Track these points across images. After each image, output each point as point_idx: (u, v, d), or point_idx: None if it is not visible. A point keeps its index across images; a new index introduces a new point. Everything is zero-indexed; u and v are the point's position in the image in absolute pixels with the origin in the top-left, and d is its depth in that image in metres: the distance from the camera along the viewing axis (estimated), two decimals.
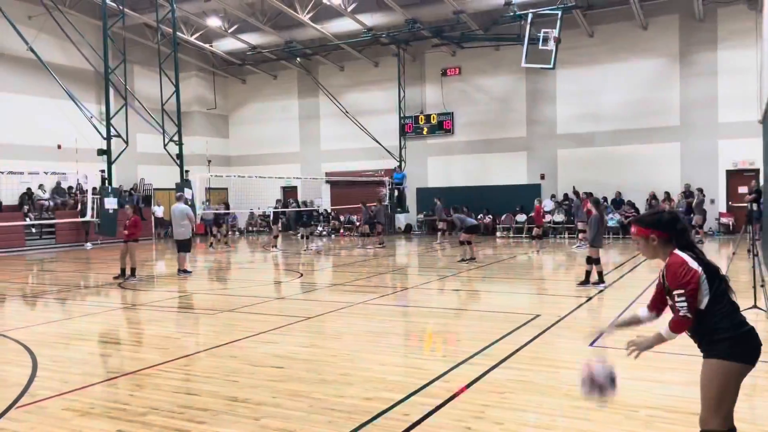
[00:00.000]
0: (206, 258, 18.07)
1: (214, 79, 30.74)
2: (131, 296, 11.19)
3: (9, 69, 22.41)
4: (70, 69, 22.99)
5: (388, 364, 6.07)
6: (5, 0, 19.66)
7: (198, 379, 5.69)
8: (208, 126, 30.48)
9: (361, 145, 27.20)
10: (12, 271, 16.05)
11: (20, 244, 21.27)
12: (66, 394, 5.24)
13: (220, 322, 8.53)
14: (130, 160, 23.48)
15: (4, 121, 22.39)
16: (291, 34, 25.75)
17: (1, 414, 4.77)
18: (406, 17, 23.24)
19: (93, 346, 7.49)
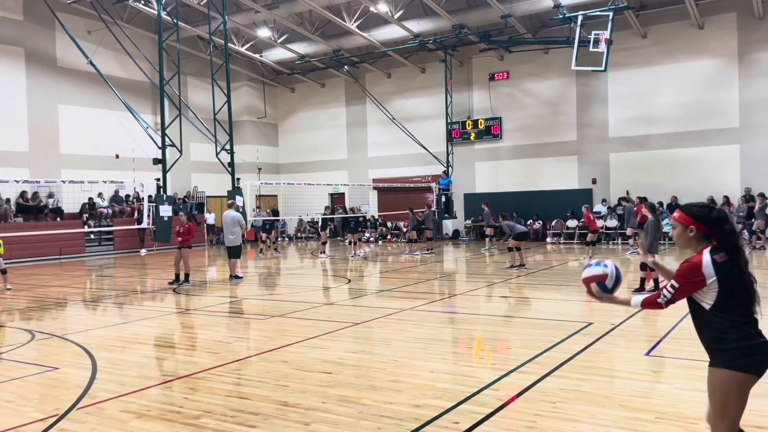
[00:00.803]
0: (256, 264, 18.38)
1: (263, 88, 31.34)
2: (185, 301, 11.47)
3: (71, 82, 23.40)
4: (127, 81, 23.84)
5: (437, 371, 6.02)
6: (67, 16, 20.58)
7: (249, 383, 5.78)
8: (258, 134, 31.07)
9: (408, 151, 27.22)
10: (73, 276, 16.70)
11: (81, 250, 22.13)
12: (124, 396, 5.40)
13: (270, 327, 8.64)
14: (184, 168, 24.14)
15: (67, 133, 23.39)
16: (339, 43, 26.03)
17: (62, 415, 4.95)
18: (453, 23, 23.18)
19: (149, 349, 7.71)
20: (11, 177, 19.39)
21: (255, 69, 30.43)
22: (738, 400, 3.01)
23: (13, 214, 20.99)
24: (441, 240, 25.65)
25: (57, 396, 5.52)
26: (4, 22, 21.82)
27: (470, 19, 23.39)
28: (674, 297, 3.09)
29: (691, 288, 3.06)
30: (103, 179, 19.53)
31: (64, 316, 10.60)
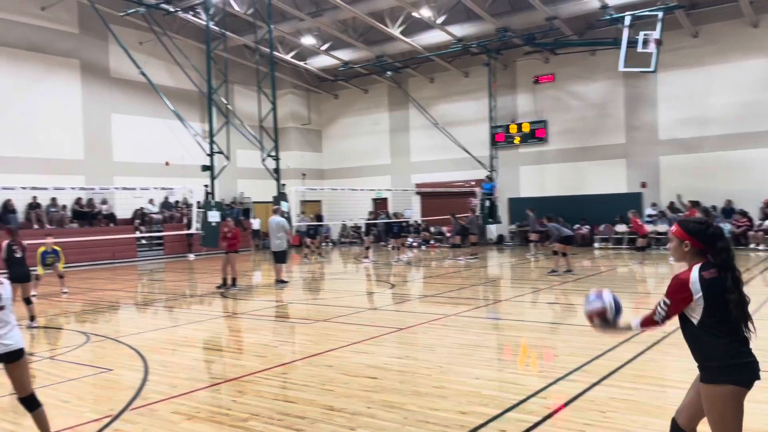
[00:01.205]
0: (301, 269, 18.59)
1: (308, 95, 31.73)
2: (232, 305, 11.69)
3: (123, 92, 24.19)
4: (177, 90, 24.50)
5: (482, 378, 5.96)
6: (120, 29, 21.28)
7: (295, 387, 5.84)
8: (303, 141, 31.46)
9: (451, 155, 27.11)
10: (125, 280, 17.22)
11: (133, 255, 22.80)
12: (174, 398, 5.53)
13: (315, 332, 8.72)
14: (231, 174, 24.63)
15: (119, 141, 24.17)
16: (382, 49, 26.16)
17: (116, 415, 5.11)
18: (496, 26, 23.01)
19: (198, 352, 7.88)
20: (68, 184, 20.17)
21: (299, 76, 30.84)
22: (733, 413, 3.04)
23: (69, 220, 21.79)
24: (485, 245, 25.43)
25: (111, 397, 5.69)
26: (61, 36, 22.73)
27: (514, 22, 23.17)
28: (668, 313, 3.17)
29: (680, 304, 3.11)
30: (154, 186, 20.10)
31: (117, 318, 10.94)
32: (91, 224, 22.08)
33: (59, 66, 22.64)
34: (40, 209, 21.09)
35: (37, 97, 21.82)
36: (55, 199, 21.54)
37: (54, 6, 21.87)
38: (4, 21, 21.09)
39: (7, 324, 4.20)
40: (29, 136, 21.35)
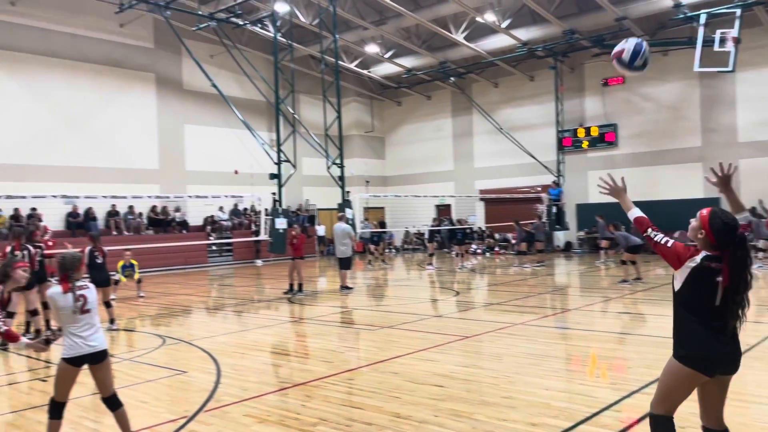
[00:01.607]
0: (364, 275, 18.72)
1: (371, 102, 32.03)
2: (298, 310, 11.89)
3: (195, 103, 25.13)
4: (245, 101, 25.24)
5: (552, 389, 5.82)
6: (192, 43, 22.14)
7: (362, 393, 5.87)
8: (366, 148, 31.74)
9: (516, 161, 26.71)
10: (197, 285, 17.82)
11: (204, 260, 23.59)
12: (246, 401, 5.68)
13: (380, 338, 8.76)
14: (296, 182, 25.11)
15: (191, 151, 25.12)
16: (445, 55, 26.11)
17: (191, 417, 5.28)
18: (563, 28, 22.55)
19: (267, 356, 8.05)
20: (144, 193, 21.09)
21: (363, 84, 31.17)
22: (681, 391, 3.29)
23: (145, 227, 22.77)
24: (552, 252, 24.88)
25: (186, 398, 5.90)
26: (138, 51, 23.86)
27: (582, 24, 22.64)
28: (659, 243, 3.38)
29: (671, 255, 3.30)
30: (224, 194, 20.73)
31: (190, 322, 11.33)
32: (165, 231, 22.98)
33: (136, 80, 23.76)
34: (119, 217, 22.13)
35: (116, 110, 22.97)
36: (132, 207, 22.56)
37: (132, 23, 22.99)
38: (86, 38, 22.33)
39: (92, 326, 4.42)
40: (109, 147, 22.49)
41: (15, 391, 6.60)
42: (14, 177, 19.49)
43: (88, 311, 4.41)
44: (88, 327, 4.39)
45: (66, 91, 21.72)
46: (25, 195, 15.89)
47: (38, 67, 21.17)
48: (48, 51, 21.41)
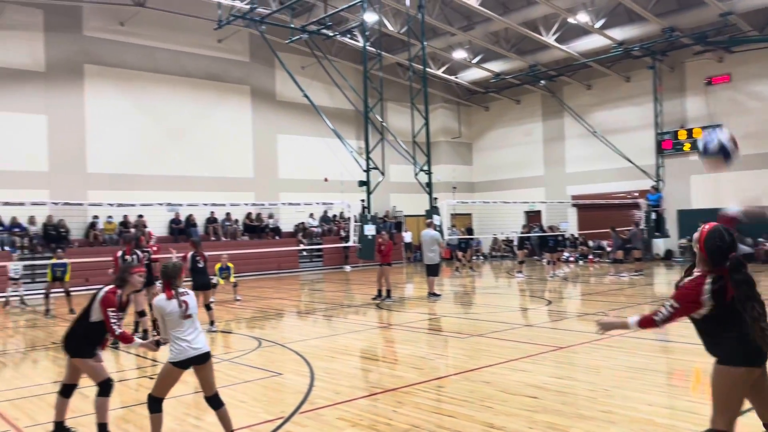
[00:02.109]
0: (452, 282, 18.59)
1: (458, 108, 31.86)
2: (387, 316, 11.97)
3: (287, 114, 25.99)
4: (335, 110, 25.81)
5: (654, 405, 5.53)
6: (285, 55, 22.90)
7: (454, 401, 5.82)
8: (453, 154, 31.58)
9: (611, 165, 25.69)
10: (289, 289, 18.36)
11: (295, 265, 24.28)
12: (338, 405, 5.77)
13: (469, 346, 8.66)
14: (383, 189, 25.34)
15: (284, 159, 25.97)
16: (535, 58, 25.57)
17: (287, 418, 5.43)
18: (662, 26, 21.51)
19: (357, 360, 8.15)
20: (240, 200, 21.98)
21: (450, 90, 31.07)
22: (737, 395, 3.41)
23: (240, 233, 23.74)
24: (651, 261, 23.69)
25: (281, 399, 6.08)
26: (235, 65, 24.99)
27: (682, 21, 21.50)
28: (672, 316, 3.43)
29: (688, 310, 3.39)
30: (315, 201, 21.24)
31: (283, 325, 11.68)
32: (259, 237, 23.87)
33: (232, 92, 24.89)
34: (217, 223, 23.20)
35: (214, 122, 24.15)
36: (230, 214, 23.59)
37: (229, 38, 24.11)
38: (187, 54, 23.64)
39: (195, 330, 4.66)
40: (208, 157, 23.66)
41: (125, 387, 7.04)
42: (123, 186, 20.90)
43: (190, 316, 4.65)
44: (192, 331, 4.62)
45: (169, 105, 23.09)
46: (134, 203, 16.98)
47: (144, 83, 22.62)
48: (153, 67, 22.84)
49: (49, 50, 20.71)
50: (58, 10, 20.67)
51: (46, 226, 19.63)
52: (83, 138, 21.22)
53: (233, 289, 14.98)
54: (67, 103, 20.96)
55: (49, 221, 19.68)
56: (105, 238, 20.50)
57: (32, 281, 16.83)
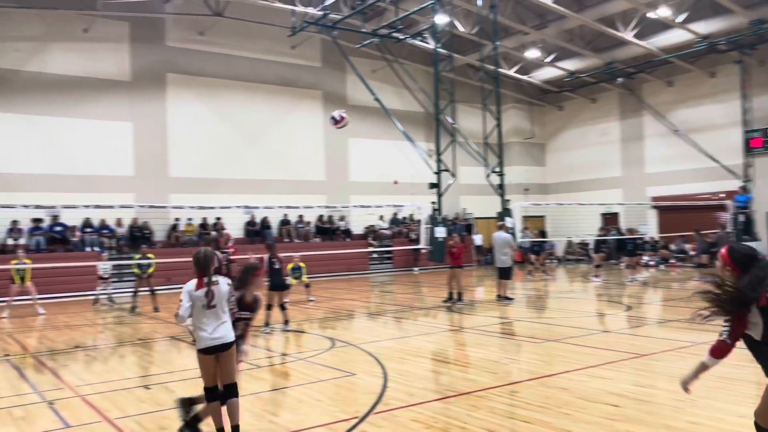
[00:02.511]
0: (524, 286, 18.23)
1: (531, 108, 31.25)
2: (458, 319, 11.88)
3: (358, 117, 26.19)
4: (405, 113, 25.89)
5: (746, 416, 5.18)
6: (355, 59, 23.20)
7: (529, 407, 5.70)
8: (526, 155, 31.00)
9: (694, 165, 24.49)
10: (359, 291, 18.53)
11: (365, 267, 24.49)
12: (412, 406, 5.76)
13: (544, 351, 8.46)
14: (454, 191, 25.19)
15: (354, 162, 26.26)
16: (612, 55, 24.76)
17: (362, 417, 5.48)
18: (749, 18, 20.35)
19: (429, 363, 8.12)
20: (312, 203, 22.42)
21: (522, 90, 30.54)
22: None
23: (313, 235, 24.18)
24: None
25: (356, 399, 6.13)
26: (307, 70, 25.51)
27: None
28: (731, 332, 3.39)
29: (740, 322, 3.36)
30: (386, 203, 21.37)
31: (354, 326, 11.80)
32: (330, 239, 24.23)
33: (305, 97, 25.41)
34: (290, 225, 23.73)
35: (287, 127, 24.73)
36: (302, 216, 24.09)
37: (302, 44, 24.63)
38: (262, 61, 24.33)
39: (217, 321, 4.76)
40: (281, 161, 24.25)
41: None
42: (202, 189, 21.72)
43: (214, 307, 4.76)
44: (214, 321, 4.75)
45: (245, 111, 23.82)
46: (213, 206, 17.61)
47: (221, 89, 23.45)
48: (230, 74, 23.64)
49: (134, 61, 21.83)
50: (143, 22, 21.76)
51: (132, 227, 20.67)
52: (165, 144, 22.22)
53: (306, 289, 15.26)
54: (151, 110, 22.02)
55: (134, 223, 20.72)
56: (185, 239, 21.37)
57: (119, 280, 17.74)
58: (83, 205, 15.14)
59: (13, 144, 19.44)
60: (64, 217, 19.45)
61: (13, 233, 18.63)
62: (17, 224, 18.74)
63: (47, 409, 6.20)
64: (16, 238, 18.55)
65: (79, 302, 16.70)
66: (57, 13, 20.07)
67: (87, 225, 19.92)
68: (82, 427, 5.52)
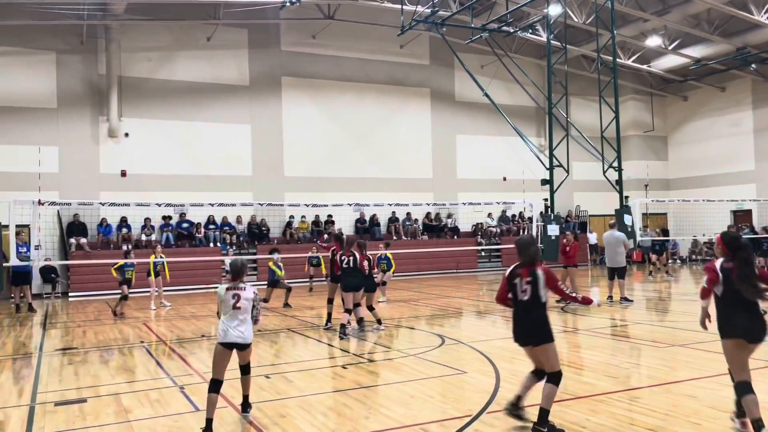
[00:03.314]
0: (645, 287, 17.24)
1: (651, 99, 29.52)
2: (572, 320, 11.44)
3: (466, 114, 26.06)
4: (515, 107, 25.32)
5: None
6: (464, 56, 22.98)
7: (653, 414, 5.38)
8: (645, 149, 29.33)
9: None
10: (468, 289, 18.36)
11: (474, 265, 24.24)
12: (526, 407, 5.61)
13: (668, 356, 7.96)
14: (567, 187, 24.33)
15: (462, 160, 26.04)
16: (744, 39, 22.83)
17: (475, 416, 5.42)
18: None
19: None
20: (420, 201, 22.48)
21: (642, 80, 28.91)
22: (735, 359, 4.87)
23: (420, 232, 24.27)
24: None
25: (468, 398, 6.08)
26: (415, 68, 25.63)
27: None
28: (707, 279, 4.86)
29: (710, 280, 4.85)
30: (495, 201, 21.01)
31: (464, 324, 11.70)
32: (437, 236, 24.21)
33: (413, 95, 25.55)
34: (398, 223, 23.97)
35: (395, 125, 24.99)
36: (410, 213, 24.24)
37: (410, 43, 24.78)
38: (371, 61, 24.74)
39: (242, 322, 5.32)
40: (389, 159, 24.55)
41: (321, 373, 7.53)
42: (315, 188, 22.45)
43: (239, 308, 5.30)
44: (239, 322, 5.32)
45: (354, 110, 24.34)
46: (325, 204, 18.14)
47: (332, 91, 24.10)
48: (340, 76, 24.24)
49: (252, 66, 22.95)
50: (260, 28, 22.81)
51: (251, 224, 21.77)
52: (281, 144, 23.19)
53: (382, 274, 14.67)
54: (268, 113, 23.06)
55: (252, 220, 21.81)
56: (299, 236, 22.19)
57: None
58: (208, 203, 16.08)
59: (145, 147, 21.09)
60: (190, 214, 20.85)
61: (145, 229, 20.23)
62: (149, 221, 20.33)
63: (179, 393, 6.67)
64: (148, 234, 20.14)
65: (203, 294, 17.82)
66: (183, 24, 21.53)
67: (210, 222, 21.21)
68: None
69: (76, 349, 9.64)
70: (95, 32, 20.61)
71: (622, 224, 17.26)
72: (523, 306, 5.05)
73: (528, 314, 5.03)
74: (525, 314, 5.05)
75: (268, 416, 5.65)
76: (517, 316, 5.10)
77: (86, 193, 19.14)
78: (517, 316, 5.10)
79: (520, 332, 5.08)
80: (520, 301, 5.08)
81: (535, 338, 5.00)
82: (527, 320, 5.04)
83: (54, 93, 20.19)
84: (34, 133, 19.60)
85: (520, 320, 5.07)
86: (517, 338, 5.12)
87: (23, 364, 8.76)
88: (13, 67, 19.68)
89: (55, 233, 19.28)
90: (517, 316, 5.10)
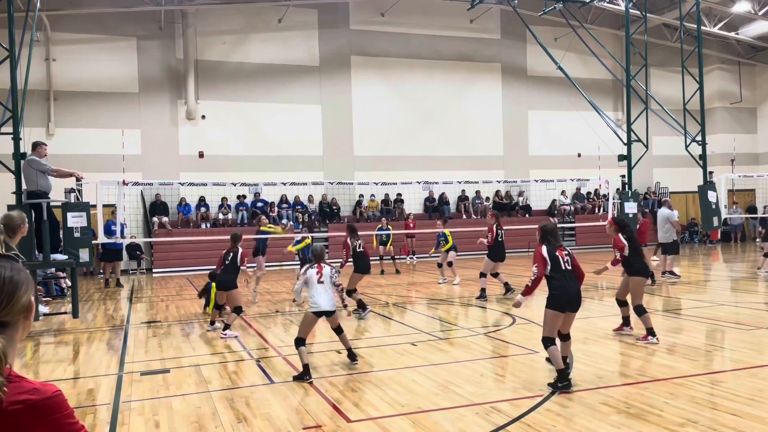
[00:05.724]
0: (731, 267, 16.39)
1: (739, 69, 27.74)
2: (647, 300, 11.01)
3: (539, 89, 25.33)
4: (590, 81, 24.40)
5: None
6: (536, 28, 22.28)
7: (737, 399, 5.14)
8: (732, 122, 27.68)
9: None
10: None
11: None
12: (601, 389, 5.50)
13: (754, 339, 7.56)
14: (646, 163, 23.29)
15: (534, 136, 25.39)
16: None
17: (547, 396, 5.34)
18: None
19: (617, 345, 7.64)
20: (490, 178, 22.12)
21: (728, 49, 27.19)
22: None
23: (490, 211, 23.93)
24: None
25: (539, 378, 5.99)
26: (486, 43, 25.08)
27: None
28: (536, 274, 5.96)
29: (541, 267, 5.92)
30: (569, 177, 20.42)
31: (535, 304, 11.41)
32: (509, 215, 23.81)
33: (484, 71, 25.05)
34: (467, 201, 23.73)
35: (465, 102, 24.63)
36: (479, 192, 23.93)
37: (480, 17, 24.26)
38: (441, 37, 24.40)
39: (323, 293, 6.34)
40: (459, 136, 24.26)
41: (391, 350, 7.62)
42: (384, 167, 22.51)
43: (322, 282, 6.39)
44: (320, 293, 6.36)
45: (424, 88, 24.13)
46: (394, 182, 18.19)
47: (401, 68, 23.97)
48: (409, 53, 24.05)
49: (322, 46, 23.13)
50: (330, 8, 22.91)
51: (322, 203, 22.13)
52: (351, 124, 23.34)
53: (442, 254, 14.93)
54: (337, 93, 23.23)
55: (323, 199, 22.16)
56: (369, 214, 22.38)
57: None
58: (281, 182, 16.45)
59: (221, 129, 21.74)
60: (263, 194, 21.40)
61: (222, 208, 20.94)
62: (226, 200, 21.02)
63: (255, 366, 6.92)
64: (225, 213, 20.84)
65: (278, 272, 18.34)
66: (254, 7, 21.91)
67: (283, 201, 21.71)
68: (283, 384, 6.07)
69: (160, 323, 10.16)
70: (172, 17, 21.33)
71: (705, 201, 16.46)
72: (568, 275, 5.80)
73: (573, 282, 5.80)
74: (571, 282, 5.79)
75: (339, 390, 5.78)
76: (563, 284, 5.72)
77: (166, 173, 19.99)
78: (563, 284, 5.72)
79: (570, 299, 5.72)
80: (565, 271, 5.81)
81: (580, 303, 5.82)
82: (575, 287, 5.77)
83: (135, 78, 21.09)
84: (118, 117, 20.58)
85: (567, 287, 5.72)
86: (565, 306, 5.72)
87: (112, 335, 9.32)
88: (98, 53, 20.67)
89: (139, 212, 20.29)
90: (563, 284, 5.72)
